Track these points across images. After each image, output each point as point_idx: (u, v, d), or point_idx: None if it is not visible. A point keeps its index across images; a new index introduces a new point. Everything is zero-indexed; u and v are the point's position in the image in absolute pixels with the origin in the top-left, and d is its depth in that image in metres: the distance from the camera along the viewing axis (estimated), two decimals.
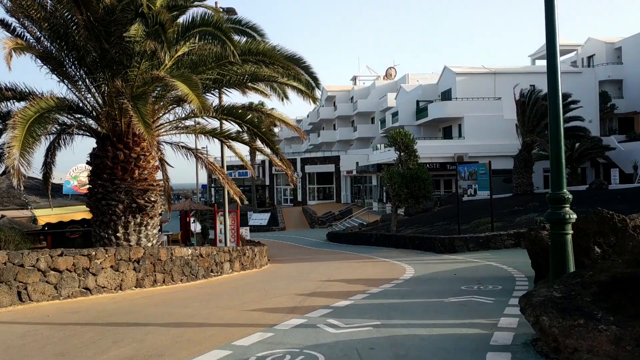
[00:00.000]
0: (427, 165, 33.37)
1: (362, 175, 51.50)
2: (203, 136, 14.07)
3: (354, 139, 64.71)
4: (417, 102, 49.43)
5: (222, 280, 11.91)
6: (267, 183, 62.44)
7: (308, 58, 15.44)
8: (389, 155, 44.57)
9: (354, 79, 72.23)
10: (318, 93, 12.97)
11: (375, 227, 33.29)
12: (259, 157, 61.13)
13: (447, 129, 46.58)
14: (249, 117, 12.13)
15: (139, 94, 10.47)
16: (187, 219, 26.96)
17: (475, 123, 41.45)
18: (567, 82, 38.67)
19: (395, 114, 51.15)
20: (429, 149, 38.93)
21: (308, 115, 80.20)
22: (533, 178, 33.94)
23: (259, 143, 14.74)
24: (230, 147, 15.12)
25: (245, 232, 26.99)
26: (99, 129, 12.15)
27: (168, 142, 14.03)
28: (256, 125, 12.17)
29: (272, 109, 14.49)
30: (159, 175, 15.47)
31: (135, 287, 9.95)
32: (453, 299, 7.56)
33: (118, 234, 11.93)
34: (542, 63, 53.89)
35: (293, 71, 11.57)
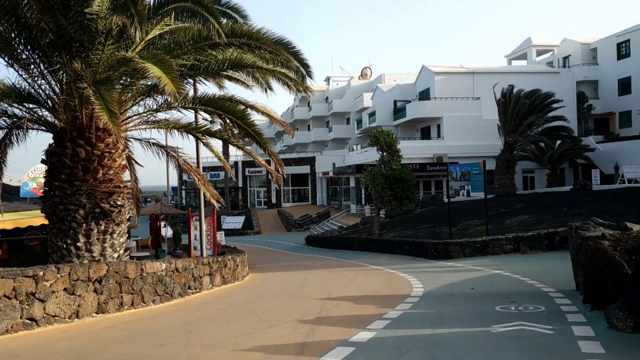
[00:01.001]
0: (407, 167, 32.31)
1: (339, 177, 50.19)
2: (177, 132, 12.43)
3: (329, 139, 63.48)
4: (395, 102, 48.47)
5: (203, 299, 10.27)
6: (240, 185, 60.56)
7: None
8: (366, 156, 43.45)
9: (327, 79, 70.95)
10: (309, 82, 11.50)
11: (356, 230, 31.97)
12: (232, 158, 59.29)
13: (425, 129, 45.71)
14: (231, 107, 10.56)
15: (103, 79, 8.83)
16: (158, 223, 25.20)
17: (454, 123, 40.68)
18: (545, 82, 38.28)
19: (372, 114, 50.07)
20: (408, 150, 37.85)
21: (282, 116, 78.52)
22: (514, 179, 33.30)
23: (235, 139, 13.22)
24: (206, 144, 13.50)
25: (220, 237, 25.29)
26: (56, 122, 10.44)
27: (137, 139, 12.35)
28: (240, 116, 10.61)
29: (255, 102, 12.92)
30: (126, 175, 13.83)
31: (97, 313, 8.19)
32: (500, 328, 6.18)
33: (78, 244, 10.26)
34: (519, 63, 53.70)
35: (282, 56, 10.08)
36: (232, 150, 70.64)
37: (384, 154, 26.59)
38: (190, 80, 12.52)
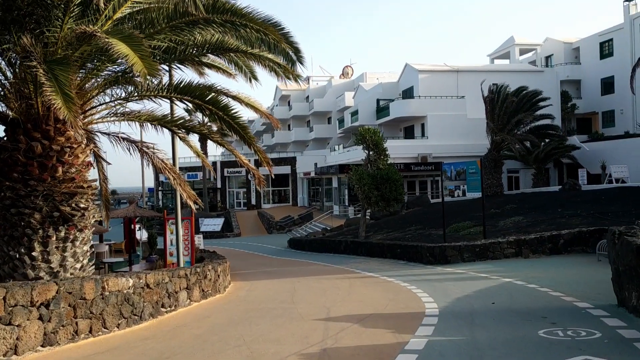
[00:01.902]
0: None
1: (321, 177, 48.97)
2: (150, 126, 11.07)
3: (310, 139, 62.29)
4: (378, 100, 47.48)
5: (179, 320, 8.76)
6: (219, 186, 58.89)
7: None
8: (349, 155, 42.32)
9: (307, 79, 69.51)
10: (300, 69, 10.22)
11: (340, 232, 30.79)
12: (210, 158, 57.61)
13: (408, 128, 44.82)
14: (210, 96, 9.24)
15: (59, 58, 7.45)
16: (132, 226, 23.68)
17: (438, 122, 39.88)
18: (529, 81, 37.59)
19: (354, 113, 49.00)
20: (392, 149, 36.46)
21: (261, 116, 76.97)
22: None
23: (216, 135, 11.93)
24: (184, 139, 12.14)
25: (198, 240, 23.90)
26: (7, 111, 9.04)
27: (105, 133, 10.95)
28: (222, 107, 9.30)
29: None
30: (93, 174, 12.39)
31: (43, 345, 6.57)
32: None
33: (34, 253, 8.85)
34: (501, 62, 53.21)
35: (273, 36, 8.75)
36: (211, 150, 68.90)
37: (371, 153, 25.55)
38: (165, 67, 11.13)
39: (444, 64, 44.21)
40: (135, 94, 9.43)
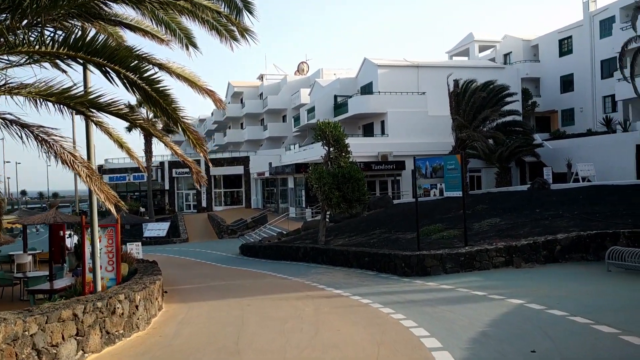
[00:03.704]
0: None
1: (276, 178, 46.25)
2: (52, 106, 8.17)
3: (264, 138, 59.49)
4: (335, 97, 45.25)
5: None
6: (167, 187, 55.21)
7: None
8: (305, 154, 39.85)
9: (261, 77, 66.67)
10: (249, 19, 7.53)
11: (297, 236, 28.18)
12: (158, 158, 53.94)
13: (367, 126, 42.77)
14: (117, 55, 6.45)
15: None
16: (61, 233, 20.36)
17: (399, 119, 38.01)
18: (490, 77, 36.04)
19: (311, 110, 46.56)
20: (351, 148, 34.54)
21: (212, 114, 73.69)
22: None
23: (144, 113, 9.19)
24: (99, 123, 9.26)
25: (136, 249, 20.80)
26: None
27: None
28: (131, 67, 6.53)
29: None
30: None
31: None
32: None
33: None
34: (460, 59, 52.02)
35: None
36: (159, 150, 64.88)
37: (331, 149, 23.15)
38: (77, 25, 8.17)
39: (404, 59, 42.44)
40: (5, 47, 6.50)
